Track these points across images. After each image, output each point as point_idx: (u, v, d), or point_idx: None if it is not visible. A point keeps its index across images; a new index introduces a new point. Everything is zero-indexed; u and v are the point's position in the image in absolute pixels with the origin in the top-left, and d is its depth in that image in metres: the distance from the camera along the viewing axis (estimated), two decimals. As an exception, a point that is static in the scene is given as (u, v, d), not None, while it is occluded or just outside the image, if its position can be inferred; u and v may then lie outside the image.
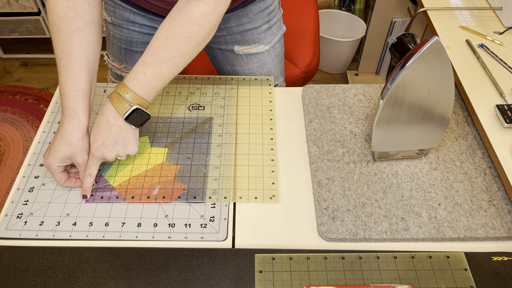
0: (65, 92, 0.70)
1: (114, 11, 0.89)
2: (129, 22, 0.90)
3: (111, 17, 0.91)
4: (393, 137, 0.72)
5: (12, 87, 2.11)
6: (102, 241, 0.68)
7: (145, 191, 0.73)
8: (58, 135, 0.70)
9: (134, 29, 0.91)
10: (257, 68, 0.99)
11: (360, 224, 0.69)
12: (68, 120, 0.69)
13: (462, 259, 0.65)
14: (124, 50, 0.95)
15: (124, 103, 0.68)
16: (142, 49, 0.94)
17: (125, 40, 0.93)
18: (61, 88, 0.70)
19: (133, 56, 0.96)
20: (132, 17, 0.89)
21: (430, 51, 0.60)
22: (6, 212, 0.70)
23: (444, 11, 1.09)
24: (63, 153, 0.69)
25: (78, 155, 0.70)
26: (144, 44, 0.94)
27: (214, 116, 0.86)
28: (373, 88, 0.92)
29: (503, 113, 0.80)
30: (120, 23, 0.91)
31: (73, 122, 0.69)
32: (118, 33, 0.93)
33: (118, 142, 0.71)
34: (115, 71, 1.01)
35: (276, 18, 0.97)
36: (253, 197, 0.73)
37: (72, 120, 0.69)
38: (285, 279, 0.63)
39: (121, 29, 0.92)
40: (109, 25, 0.93)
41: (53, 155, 0.69)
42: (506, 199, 0.72)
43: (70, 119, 0.69)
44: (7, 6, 2.01)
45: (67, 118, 0.69)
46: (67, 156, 0.70)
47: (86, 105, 0.71)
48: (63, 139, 0.69)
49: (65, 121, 0.69)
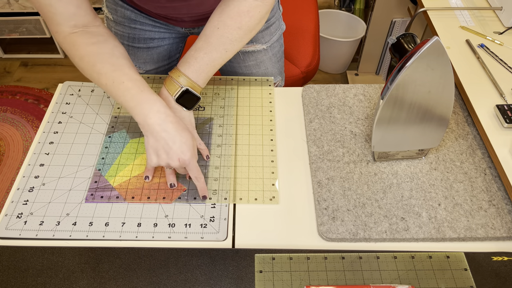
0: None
1: (115, 9, 0.90)
2: (130, 20, 0.91)
3: (112, 15, 0.91)
4: (393, 137, 0.72)
5: (12, 87, 2.11)
6: (102, 241, 0.68)
7: (145, 191, 0.73)
8: (171, 127, 0.68)
9: (136, 27, 0.92)
10: (254, 66, 1.00)
11: (360, 224, 0.69)
12: (163, 105, 0.69)
13: (462, 259, 0.65)
14: (126, 47, 0.96)
15: (175, 85, 0.73)
16: (145, 45, 0.95)
17: (127, 36, 0.94)
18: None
19: (135, 52, 0.96)
20: (134, 15, 0.90)
21: (430, 51, 0.60)
22: (6, 212, 0.70)
23: (444, 11, 1.09)
24: (191, 139, 0.70)
25: (195, 135, 0.75)
26: (146, 40, 0.94)
27: (214, 117, 0.86)
28: (373, 88, 0.92)
29: (503, 113, 0.80)
30: (122, 21, 0.91)
31: (166, 106, 0.70)
32: (120, 30, 0.93)
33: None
34: None
35: (275, 17, 0.96)
36: (253, 199, 0.73)
37: (164, 104, 0.70)
38: (285, 279, 0.63)
39: (123, 27, 0.92)
40: (111, 23, 0.94)
41: (188, 147, 0.69)
42: (506, 199, 0.72)
43: (162, 103, 0.69)
44: (7, 6, 2.01)
45: (159, 104, 0.69)
46: (192, 142, 0.71)
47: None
48: (182, 126, 0.70)
49: (162, 109, 0.69)
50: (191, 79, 0.73)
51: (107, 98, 0.90)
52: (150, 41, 0.95)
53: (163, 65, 1.01)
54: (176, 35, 0.97)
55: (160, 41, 0.96)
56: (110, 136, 0.82)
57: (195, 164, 0.70)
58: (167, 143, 0.68)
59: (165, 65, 1.02)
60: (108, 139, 0.81)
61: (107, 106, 0.88)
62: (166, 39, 0.96)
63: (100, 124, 0.84)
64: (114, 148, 0.80)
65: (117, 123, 0.84)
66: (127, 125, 0.84)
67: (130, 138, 0.82)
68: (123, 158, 0.78)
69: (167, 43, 0.97)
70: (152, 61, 0.98)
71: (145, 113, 0.68)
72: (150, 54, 0.97)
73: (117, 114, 0.86)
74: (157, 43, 0.96)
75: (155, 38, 0.95)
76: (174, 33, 0.96)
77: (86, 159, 0.78)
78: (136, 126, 0.84)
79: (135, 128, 0.84)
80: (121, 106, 0.86)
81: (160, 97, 0.73)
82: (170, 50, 0.99)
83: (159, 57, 0.99)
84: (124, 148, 0.80)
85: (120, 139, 0.81)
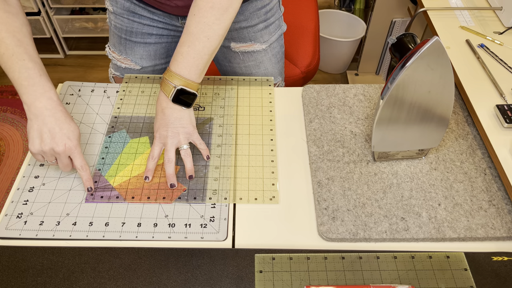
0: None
1: (116, 0, 0.90)
2: (129, 12, 0.91)
3: (113, 6, 0.92)
4: (393, 137, 0.72)
5: (12, 87, 2.11)
6: (102, 241, 0.68)
7: (145, 191, 0.73)
8: (60, 115, 0.71)
9: (134, 20, 0.92)
10: (253, 67, 1.00)
11: (360, 224, 0.69)
12: (56, 96, 0.72)
13: (462, 259, 0.65)
14: (124, 40, 0.96)
15: (169, 85, 0.73)
16: (142, 39, 0.95)
17: (125, 30, 0.94)
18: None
19: (132, 46, 0.96)
20: (133, 7, 0.90)
21: (430, 51, 0.60)
22: (6, 212, 0.70)
23: (444, 11, 1.09)
24: (78, 131, 0.73)
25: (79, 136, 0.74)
26: (143, 35, 0.95)
27: (214, 117, 0.86)
28: (373, 88, 0.92)
29: (503, 113, 0.80)
30: (121, 13, 0.92)
31: (59, 99, 0.72)
32: (119, 23, 0.94)
33: (172, 122, 0.74)
34: (115, 62, 1.02)
35: (275, 17, 0.96)
36: (253, 198, 0.73)
37: (57, 96, 0.72)
38: (285, 279, 0.63)
39: (122, 19, 0.93)
40: (111, 15, 0.94)
41: (74, 135, 0.72)
42: (506, 199, 0.72)
43: (53, 94, 0.72)
44: (7, 6, 2.01)
45: (50, 93, 0.72)
46: (79, 135, 0.74)
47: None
48: (70, 118, 0.73)
49: (54, 97, 0.72)
50: (183, 76, 0.73)
51: (107, 98, 0.90)
52: (148, 36, 0.95)
53: (160, 63, 1.01)
54: (174, 32, 0.96)
55: (158, 37, 0.96)
56: (110, 136, 0.82)
57: (79, 152, 0.72)
58: (54, 127, 0.70)
59: (162, 64, 1.02)
60: (108, 139, 0.81)
61: (107, 106, 0.88)
62: (164, 37, 0.96)
63: (100, 124, 0.84)
64: (114, 148, 0.80)
65: (117, 123, 0.84)
66: (127, 125, 0.84)
67: (130, 138, 0.82)
68: (123, 158, 0.78)
69: (165, 41, 0.97)
70: (149, 57, 0.98)
71: (36, 96, 0.70)
72: (147, 50, 0.97)
73: (117, 114, 0.86)
74: (155, 39, 0.96)
75: (153, 34, 0.95)
76: (172, 29, 0.95)
77: (86, 159, 0.78)
78: (136, 126, 0.84)
79: (135, 128, 0.84)
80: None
81: (159, 96, 0.75)
82: (168, 49, 0.99)
83: (156, 54, 0.99)
84: (124, 148, 0.80)
85: (120, 139, 0.81)
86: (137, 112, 0.87)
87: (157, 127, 0.76)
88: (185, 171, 0.75)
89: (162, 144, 0.75)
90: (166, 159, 0.74)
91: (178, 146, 0.75)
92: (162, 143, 0.75)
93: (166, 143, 0.75)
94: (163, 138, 0.75)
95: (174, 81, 0.73)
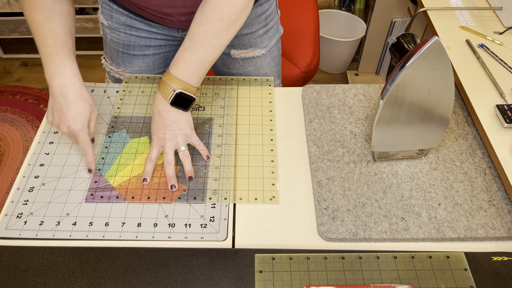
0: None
1: (111, 15, 0.89)
2: (126, 26, 0.90)
3: (108, 21, 0.90)
4: (393, 137, 0.72)
5: (12, 87, 2.11)
6: (102, 241, 0.68)
7: (145, 191, 0.73)
8: (71, 95, 0.72)
9: (131, 33, 0.91)
10: (253, 72, 0.99)
11: (360, 224, 0.69)
12: (73, 73, 0.72)
13: (462, 259, 0.65)
14: (122, 54, 0.95)
15: (168, 88, 0.73)
16: (140, 52, 0.94)
17: (123, 44, 0.93)
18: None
19: (131, 59, 0.95)
20: (129, 21, 0.89)
21: (430, 51, 0.60)
22: (6, 212, 0.70)
23: (444, 11, 1.09)
24: (87, 113, 0.73)
25: (94, 113, 0.75)
26: (141, 47, 0.93)
27: (214, 117, 0.86)
28: (373, 88, 0.92)
29: (503, 113, 0.80)
30: (117, 27, 0.90)
31: (77, 75, 0.73)
32: (115, 37, 0.92)
33: (169, 124, 0.74)
34: (113, 75, 1.00)
35: (273, 22, 0.96)
36: (253, 198, 0.73)
37: (74, 73, 0.72)
38: (285, 279, 0.63)
39: (118, 33, 0.91)
40: (106, 29, 0.92)
41: (82, 118, 0.72)
42: (506, 199, 0.72)
43: (73, 71, 0.72)
44: (7, 6, 2.01)
45: (68, 69, 0.72)
46: (88, 116, 0.74)
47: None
48: (83, 98, 0.73)
49: (69, 75, 0.72)
50: (183, 81, 0.73)
51: (107, 98, 0.90)
52: (146, 48, 0.93)
53: (158, 72, 0.99)
54: (173, 42, 0.95)
55: (156, 48, 0.94)
56: (110, 136, 0.82)
57: (83, 136, 0.73)
58: (61, 108, 0.71)
59: (161, 73, 1.00)
60: (108, 139, 0.81)
61: (107, 106, 0.88)
62: (162, 47, 0.95)
63: (100, 124, 0.84)
64: (114, 148, 0.80)
65: (117, 123, 0.84)
66: (127, 125, 0.84)
67: (130, 138, 0.82)
68: (123, 158, 0.78)
69: (163, 51, 0.96)
70: (147, 68, 0.97)
71: (52, 74, 0.71)
72: (145, 61, 0.96)
73: (117, 114, 0.86)
74: (153, 50, 0.94)
75: (151, 45, 0.93)
76: (170, 40, 0.94)
77: (86, 159, 0.78)
78: (136, 126, 0.84)
79: (135, 128, 0.84)
80: None
81: (156, 98, 0.75)
82: (166, 58, 0.98)
83: (155, 65, 0.97)
84: (124, 148, 0.80)
85: (120, 139, 0.81)
86: (137, 112, 0.87)
87: (154, 129, 0.76)
88: (184, 173, 0.75)
89: (160, 146, 0.75)
90: (165, 162, 0.74)
91: (176, 148, 0.75)
92: (160, 146, 0.75)
93: (164, 146, 0.75)
94: (161, 141, 0.75)
95: (173, 85, 0.73)
